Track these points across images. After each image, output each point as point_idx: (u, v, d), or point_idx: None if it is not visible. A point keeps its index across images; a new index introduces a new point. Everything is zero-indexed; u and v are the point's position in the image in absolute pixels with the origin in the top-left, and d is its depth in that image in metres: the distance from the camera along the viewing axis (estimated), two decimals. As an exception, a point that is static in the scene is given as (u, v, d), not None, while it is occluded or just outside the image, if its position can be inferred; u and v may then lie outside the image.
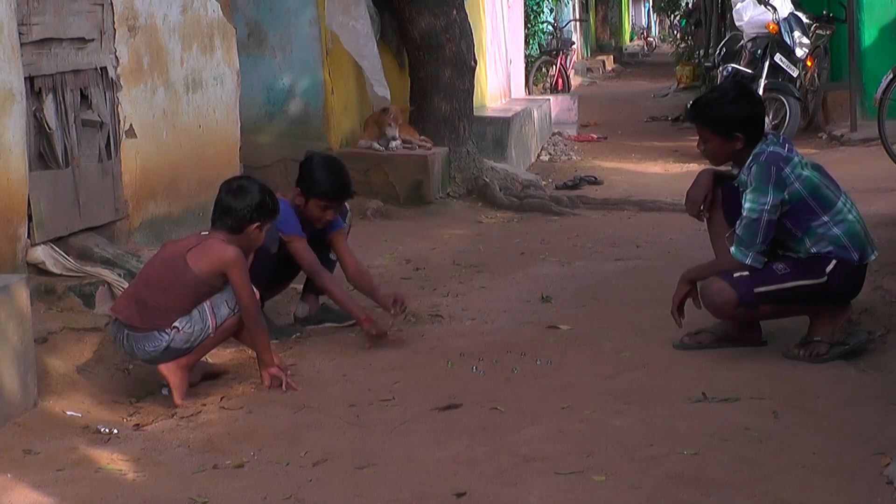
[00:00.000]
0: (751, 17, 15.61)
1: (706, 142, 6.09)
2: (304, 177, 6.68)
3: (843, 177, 6.23)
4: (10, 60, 6.35)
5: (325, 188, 6.62)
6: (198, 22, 8.61)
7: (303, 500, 4.44)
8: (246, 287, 5.65)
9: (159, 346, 5.61)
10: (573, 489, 4.42)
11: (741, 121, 5.96)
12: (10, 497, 4.52)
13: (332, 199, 6.66)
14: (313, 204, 6.61)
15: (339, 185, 6.72)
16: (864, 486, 4.30)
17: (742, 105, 6.06)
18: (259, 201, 5.84)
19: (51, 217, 6.73)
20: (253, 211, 5.77)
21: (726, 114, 5.98)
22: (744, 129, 5.93)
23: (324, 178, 6.64)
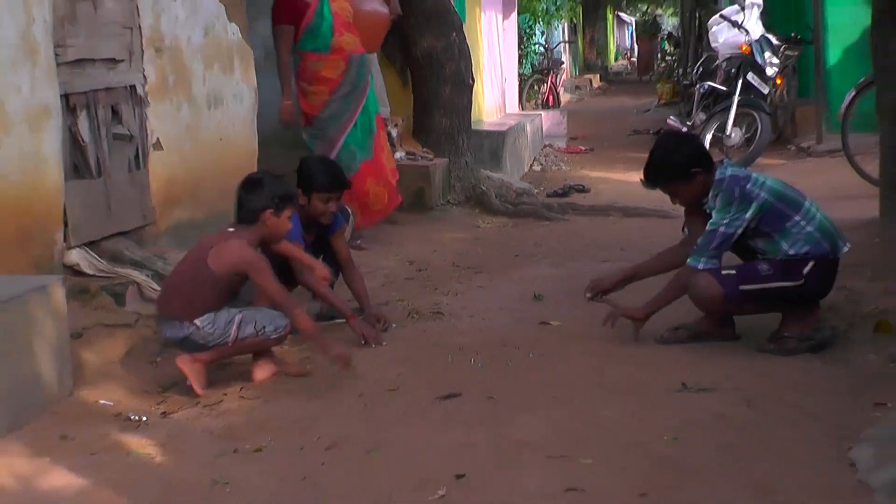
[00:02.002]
0: (725, 39, 15.65)
1: (676, 195, 6.17)
2: (303, 177, 6.74)
3: (810, 185, 6.26)
4: (46, 79, 6.35)
5: (322, 181, 6.69)
6: (219, 44, 8.61)
7: (316, 482, 4.45)
8: (269, 286, 5.63)
9: (177, 335, 5.61)
10: (563, 472, 4.41)
11: (691, 160, 6.04)
12: (49, 479, 4.54)
13: (330, 189, 6.72)
14: (315, 199, 6.64)
15: (335, 176, 6.81)
16: (831, 468, 4.31)
17: (682, 147, 6.16)
18: (267, 190, 5.82)
19: (84, 223, 6.74)
20: (262, 199, 5.75)
21: (676, 163, 6.05)
22: (697, 164, 6.02)
23: (320, 173, 6.75)
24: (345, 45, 8.82)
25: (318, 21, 8.73)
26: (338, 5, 8.88)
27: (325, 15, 8.77)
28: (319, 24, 8.74)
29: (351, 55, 8.83)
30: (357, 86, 9.01)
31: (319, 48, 8.74)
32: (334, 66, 8.86)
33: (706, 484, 4.24)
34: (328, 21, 8.74)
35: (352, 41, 8.92)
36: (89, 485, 4.48)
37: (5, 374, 4.99)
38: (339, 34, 8.81)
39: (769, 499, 4.08)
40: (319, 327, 6.05)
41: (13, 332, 5.10)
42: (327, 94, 8.87)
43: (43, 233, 6.33)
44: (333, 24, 8.77)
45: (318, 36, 8.72)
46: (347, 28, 8.93)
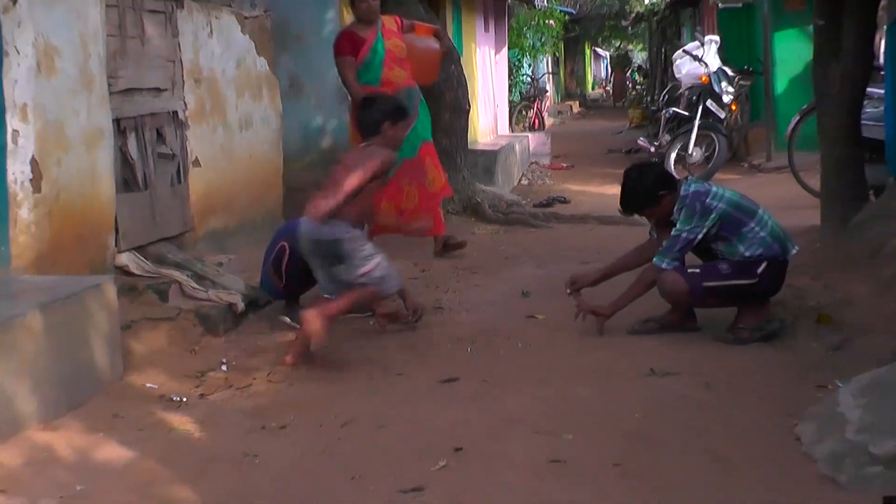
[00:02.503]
0: (687, 70, 15.67)
1: (650, 216, 6.23)
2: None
3: (761, 196, 6.27)
4: (101, 106, 6.37)
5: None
6: (249, 75, 8.63)
7: (333, 454, 4.46)
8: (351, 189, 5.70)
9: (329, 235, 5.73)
10: (547, 445, 4.43)
11: (657, 185, 6.06)
12: (102, 451, 4.54)
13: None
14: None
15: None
16: (779, 442, 4.33)
17: (646, 176, 6.17)
18: (381, 107, 6.10)
19: (133, 230, 6.75)
20: (379, 114, 5.98)
21: (645, 190, 6.09)
22: (663, 187, 6.05)
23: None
24: (394, 78, 8.56)
25: (372, 56, 8.50)
26: (391, 42, 8.63)
27: (378, 51, 8.54)
28: (372, 59, 8.51)
29: (399, 88, 8.50)
30: None
31: (371, 81, 8.45)
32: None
33: (671, 455, 4.26)
34: (380, 56, 8.52)
35: (401, 75, 8.67)
36: (137, 457, 4.48)
37: (65, 360, 5.00)
38: (389, 69, 8.58)
39: (724, 467, 4.10)
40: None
41: (72, 324, 5.11)
42: None
43: (97, 238, 6.34)
44: (385, 60, 8.54)
45: (370, 70, 8.49)
46: (398, 63, 8.67)
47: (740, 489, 3.86)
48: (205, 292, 6.55)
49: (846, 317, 6.03)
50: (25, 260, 5.68)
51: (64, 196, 6.00)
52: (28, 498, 4.03)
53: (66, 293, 5.15)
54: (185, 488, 4.14)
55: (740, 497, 3.78)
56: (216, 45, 8.04)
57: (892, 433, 3.83)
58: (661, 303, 6.16)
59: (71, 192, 6.07)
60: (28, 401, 4.70)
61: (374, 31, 8.51)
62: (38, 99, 5.79)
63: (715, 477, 4.01)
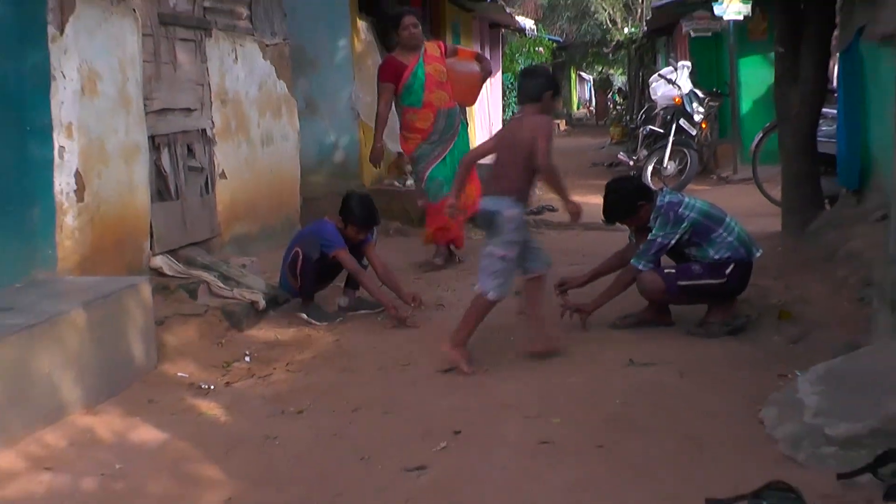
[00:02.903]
0: (662, 93, 15.66)
1: (630, 224, 6.22)
2: (345, 210, 6.72)
3: (729, 205, 6.26)
4: (138, 125, 6.39)
5: (359, 220, 6.67)
6: (270, 96, 8.64)
7: (344, 436, 4.47)
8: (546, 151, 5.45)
9: (493, 207, 5.54)
10: (536, 428, 4.43)
11: (635, 196, 6.07)
12: (138, 433, 4.56)
13: (363, 224, 6.70)
14: (351, 228, 6.65)
15: (370, 217, 6.76)
16: (744, 424, 4.32)
17: (623, 189, 6.17)
18: (545, 77, 5.90)
19: (166, 235, 6.75)
20: (544, 84, 5.70)
21: (622, 202, 6.10)
22: (640, 198, 6.05)
23: (359, 213, 6.69)
24: (434, 100, 8.26)
25: (412, 80, 8.20)
26: (432, 67, 8.30)
27: (419, 75, 8.23)
28: (413, 83, 8.21)
29: (439, 109, 8.28)
30: (444, 134, 8.36)
31: (414, 103, 8.22)
32: (425, 118, 8.27)
33: (648, 436, 4.25)
34: (420, 80, 8.22)
35: (441, 97, 8.34)
36: (169, 438, 4.49)
37: (106, 352, 5.01)
38: (430, 91, 8.26)
39: (695, 447, 4.09)
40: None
41: (112, 320, 5.11)
42: (419, 140, 8.31)
43: (134, 243, 6.35)
44: (425, 83, 8.23)
45: (412, 92, 8.22)
46: (439, 86, 8.33)
47: (710, 466, 3.86)
48: (230, 291, 6.56)
49: (804, 313, 6.03)
50: (70, 263, 5.69)
51: (104, 205, 6.01)
52: (72, 475, 4.04)
53: (107, 292, 5.15)
54: (213, 467, 4.15)
55: (710, 473, 3.77)
56: (240, 69, 8.05)
57: (845, 417, 3.82)
58: (639, 300, 6.15)
59: (110, 202, 6.08)
60: (72, 388, 4.71)
61: (416, 57, 8.27)
62: (82, 118, 5.80)
63: (687, 456, 4.00)
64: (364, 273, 6.73)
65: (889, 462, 3.46)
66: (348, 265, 6.62)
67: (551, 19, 36.06)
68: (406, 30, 8.23)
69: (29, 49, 5.51)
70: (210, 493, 3.88)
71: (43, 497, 3.85)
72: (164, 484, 3.98)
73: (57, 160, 5.61)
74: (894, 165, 5.61)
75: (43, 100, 5.56)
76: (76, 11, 5.75)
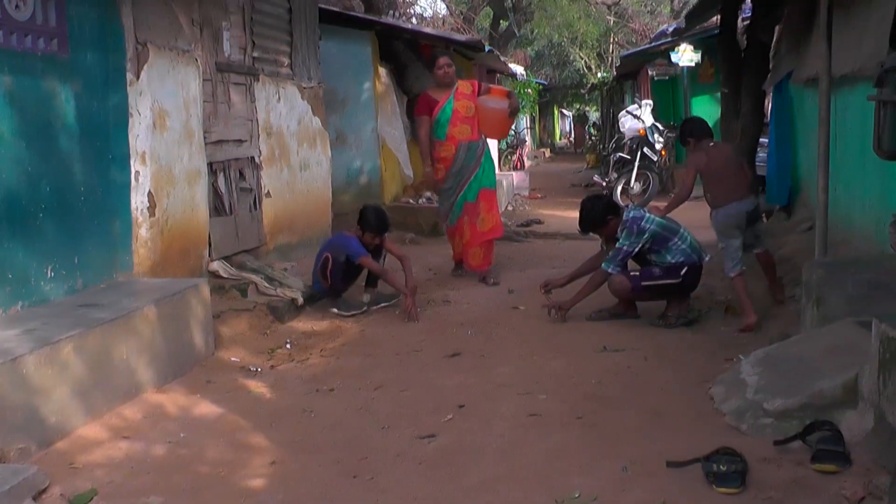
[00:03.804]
0: (629, 126, 15.65)
1: (601, 234, 6.23)
2: (362, 219, 6.75)
3: (684, 219, 6.25)
4: (199, 153, 6.39)
5: (374, 227, 6.67)
6: (307, 130, 8.63)
7: (369, 410, 4.47)
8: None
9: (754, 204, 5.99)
10: (527, 403, 4.42)
11: (603, 212, 6.08)
12: (199, 408, 4.56)
13: (377, 231, 6.74)
14: (367, 235, 6.65)
15: (382, 224, 6.76)
16: (698, 400, 4.32)
17: (597, 205, 6.16)
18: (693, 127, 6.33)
19: (222, 244, 6.75)
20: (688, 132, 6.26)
21: (595, 216, 6.11)
22: (609, 213, 6.07)
23: (374, 221, 6.70)
24: (456, 134, 7.68)
25: (441, 115, 7.67)
26: (460, 104, 7.73)
27: (447, 111, 7.67)
28: (441, 118, 7.68)
29: (460, 142, 7.69)
30: (465, 166, 7.74)
31: (440, 136, 7.68)
32: (447, 150, 7.69)
33: (618, 410, 4.25)
34: (447, 115, 7.67)
35: (464, 131, 7.73)
36: (224, 412, 4.49)
37: (172, 341, 5.00)
38: (454, 125, 7.68)
39: (657, 419, 4.08)
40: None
41: (177, 314, 5.11)
42: (444, 171, 7.73)
43: (196, 251, 6.34)
44: (451, 118, 7.67)
45: (439, 126, 7.68)
46: (463, 121, 7.72)
47: (669, 435, 3.85)
48: (274, 290, 6.55)
49: (746, 308, 6.02)
50: (144, 267, 5.69)
51: (172, 220, 6.00)
52: (145, 443, 4.04)
53: (173, 291, 5.15)
54: (260, 435, 4.14)
55: (669, 441, 3.76)
56: (283, 107, 8.04)
57: (780, 394, 3.81)
58: (611, 297, 6.14)
59: (177, 217, 6.08)
60: (145, 371, 4.71)
61: (448, 94, 7.73)
62: (154, 148, 5.81)
63: (650, 426, 3.99)
64: (386, 271, 6.75)
65: (815, 431, 3.46)
66: (373, 268, 6.65)
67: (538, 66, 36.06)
68: (441, 69, 7.74)
69: (111, 92, 5.52)
70: (258, 458, 3.87)
71: (122, 461, 3.84)
72: (220, 450, 3.97)
73: (133, 183, 5.62)
74: (818, 186, 5.60)
75: (122, 133, 5.56)
76: (150, 61, 5.76)
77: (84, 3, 5.27)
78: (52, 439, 3.92)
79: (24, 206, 4.73)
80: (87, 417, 4.17)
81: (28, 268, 4.77)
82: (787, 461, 3.41)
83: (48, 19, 4.96)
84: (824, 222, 5.54)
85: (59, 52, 5.05)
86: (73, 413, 4.09)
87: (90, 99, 5.33)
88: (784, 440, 3.53)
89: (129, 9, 5.59)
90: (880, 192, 5.52)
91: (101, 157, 5.44)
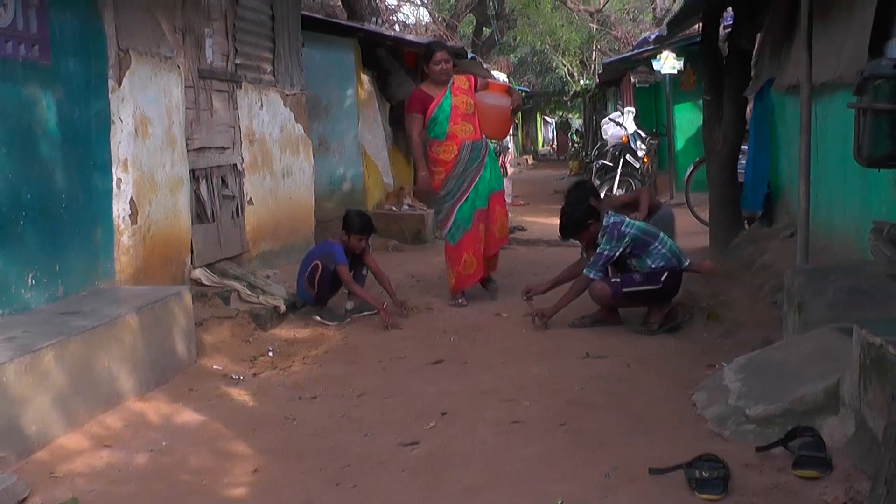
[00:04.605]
0: (612, 133, 15.69)
1: (581, 239, 6.26)
2: (346, 223, 6.76)
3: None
4: (181, 161, 6.38)
5: (358, 227, 6.66)
6: (289, 137, 8.62)
7: (351, 417, 4.45)
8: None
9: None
10: (510, 409, 4.42)
11: (585, 217, 6.10)
12: (181, 416, 4.54)
13: (363, 233, 6.72)
14: (353, 238, 6.65)
15: (366, 226, 6.75)
16: (680, 406, 4.32)
17: (577, 211, 6.18)
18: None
19: (204, 252, 6.73)
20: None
21: (576, 221, 6.13)
22: (589, 218, 6.08)
23: (357, 222, 6.70)
24: (458, 132, 7.01)
25: (438, 113, 7.01)
26: (458, 99, 7.05)
27: (445, 108, 7.01)
28: (438, 115, 7.02)
29: (463, 141, 7.01)
30: (469, 167, 7.04)
31: (438, 135, 7.03)
32: (448, 150, 7.01)
33: (601, 416, 4.25)
34: (445, 112, 7.01)
35: (466, 130, 7.04)
36: (207, 419, 4.48)
37: (155, 348, 4.98)
38: (455, 123, 7.00)
39: (640, 425, 4.09)
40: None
41: (160, 322, 5.09)
42: (444, 174, 7.05)
43: (178, 258, 6.32)
44: (450, 115, 7.00)
45: (437, 124, 7.03)
46: (464, 118, 7.04)
47: (651, 441, 3.86)
48: (256, 298, 6.54)
49: (728, 315, 6.03)
50: (126, 274, 5.67)
51: (154, 227, 5.99)
52: (127, 452, 4.02)
53: (155, 299, 5.13)
54: (242, 443, 4.13)
55: (652, 447, 3.77)
56: (265, 115, 8.04)
57: (762, 400, 3.83)
58: (593, 304, 6.15)
59: (159, 224, 6.06)
60: (127, 379, 4.69)
61: (444, 90, 7.07)
62: (136, 155, 5.79)
63: (633, 432, 4.00)
64: (356, 285, 6.71)
65: (797, 437, 3.47)
66: (344, 278, 6.61)
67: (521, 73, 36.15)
68: (438, 65, 7.07)
69: (93, 98, 5.50)
70: (240, 465, 3.86)
71: (103, 470, 3.82)
72: (203, 458, 3.96)
73: (115, 190, 5.60)
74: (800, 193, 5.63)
75: (104, 140, 5.55)
76: (132, 67, 5.74)
77: (66, 9, 5.25)
78: (33, 448, 3.90)
79: (5, 214, 4.71)
80: (68, 426, 4.14)
81: (9, 275, 4.74)
82: (769, 467, 3.42)
83: (29, 25, 4.94)
84: (806, 229, 5.57)
85: (41, 59, 5.03)
86: (53, 422, 4.06)
87: (72, 105, 5.31)
88: (766, 446, 3.55)
89: (112, 15, 5.58)
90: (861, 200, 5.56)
91: (82, 164, 5.42)
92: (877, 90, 3.75)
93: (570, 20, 28.26)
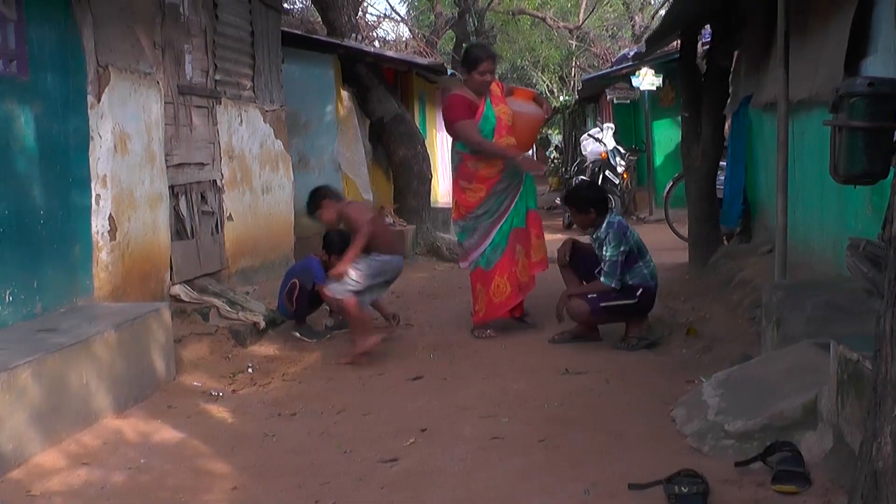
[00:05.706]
0: (591, 149, 15.77)
1: (574, 215, 6.18)
2: (326, 243, 6.72)
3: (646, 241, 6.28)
4: (160, 176, 6.36)
5: (338, 248, 6.51)
6: (269, 153, 8.62)
7: (331, 434, 4.44)
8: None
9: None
10: (489, 426, 4.42)
11: (590, 201, 6.04)
12: (160, 433, 4.51)
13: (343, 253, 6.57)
14: (333, 258, 6.55)
15: (346, 244, 6.48)
16: (659, 421, 4.33)
17: (591, 191, 6.19)
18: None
19: (183, 268, 6.70)
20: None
21: (583, 196, 6.08)
22: (594, 205, 6.01)
23: (338, 243, 6.57)
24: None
25: (483, 123, 6.32)
26: (499, 109, 6.38)
27: (490, 118, 6.34)
28: (484, 127, 6.32)
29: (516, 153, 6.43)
30: (511, 183, 6.41)
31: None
32: (493, 166, 6.32)
33: (580, 432, 4.25)
34: (492, 124, 6.33)
35: (509, 143, 6.36)
36: (186, 437, 4.45)
37: (133, 365, 4.96)
38: (500, 136, 6.33)
39: (619, 441, 4.10)
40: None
41: (138, 339, 5.06)
42: (485, 192, 6.35)
43: (157, 274, 6.30)
44: (496, 128, 6.34)
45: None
46: (507, 131, 6.36)
47: (631, 457, 3.87)
48: (236, 314, 6.51)
49: (707, 330, 6.07)
50: (104, 291, 5.64)
51: (133, 243, 5.96)
52: (105, 470, 3.99)
53: (134, 315, 5.10)
54: (221, 461, 4.11)
55: (631, 462, 3.78)
56: (245, 131, 8.03)
57: (741, 415, 3.85)
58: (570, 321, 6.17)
59: (138, 241, 6.04)
60: (105, 396, 4.66)
61: (484, 99, 6.37)
62: (115, 171, 5.77)
63: (613, 448, 4.01)
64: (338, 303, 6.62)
65: (776, 452, 3.49)
66: (327, 298, 6.47)
67: (500, 89, 36.22)
68: (483, 75, 6.34)
69: (72, 114, 5.48)
70: (219, 483, 3.84)
71: (80, 488, 3.79)
72: (181, 476, 3.93)
73: (94, 206, 5.58)
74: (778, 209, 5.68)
75: (83, 156, 5.53)
76: (111, 83, 5.73)
77: (44, 25, 5.24)
78: (9, 467, 3.86)
79: (-18, 230, 4.68)
80: (44, 444, 4.11)
81: (-15, 292, 4.71)
82: (748, 482, 3.44)
83: (7, 41, 4.93)
84: (784, 245, 5.62)
85: (19, 75, 5.01)
86: (30, 440, 4.03)
87: (50, 121, 5.29)
88: (745, 461, 3.56)
89: (91, 31, 5.57)
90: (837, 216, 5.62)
91: (61, 180, 5.39)
92: (852, 108, 3.79)
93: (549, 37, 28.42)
